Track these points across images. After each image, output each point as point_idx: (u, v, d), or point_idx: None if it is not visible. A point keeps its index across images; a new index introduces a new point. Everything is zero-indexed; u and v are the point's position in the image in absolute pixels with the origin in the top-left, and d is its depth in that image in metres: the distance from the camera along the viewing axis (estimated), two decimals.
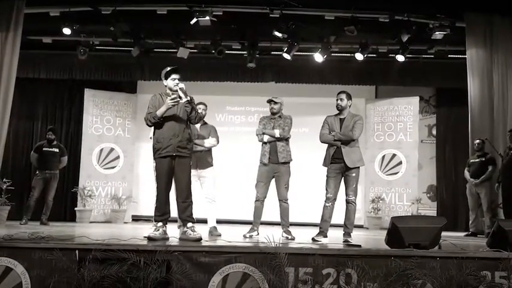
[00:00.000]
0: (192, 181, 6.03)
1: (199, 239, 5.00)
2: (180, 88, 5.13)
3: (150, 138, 5.64)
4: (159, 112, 5.09)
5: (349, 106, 5.86)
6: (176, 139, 5.10)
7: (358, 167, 5.74)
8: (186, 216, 5.17)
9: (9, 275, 4.10)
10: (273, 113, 6.28)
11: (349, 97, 5.84)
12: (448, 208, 10.07)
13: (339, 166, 5.70)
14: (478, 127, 8.29)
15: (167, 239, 5.12)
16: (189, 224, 5.13)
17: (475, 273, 4.10)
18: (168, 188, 5.21)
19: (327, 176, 5.81)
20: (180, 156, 5.13)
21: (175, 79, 5.22)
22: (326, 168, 5.84)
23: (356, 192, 5.75)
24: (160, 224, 5.16)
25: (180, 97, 5.10)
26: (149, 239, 4.95)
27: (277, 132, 6.09)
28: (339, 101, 5.83)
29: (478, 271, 4.13)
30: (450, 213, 9.83)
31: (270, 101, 6.32)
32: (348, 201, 5.70)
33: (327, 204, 5.76)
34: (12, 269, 4.11)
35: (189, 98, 5.10)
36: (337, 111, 5.88)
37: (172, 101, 5.03)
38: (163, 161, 5.15)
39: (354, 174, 5.69)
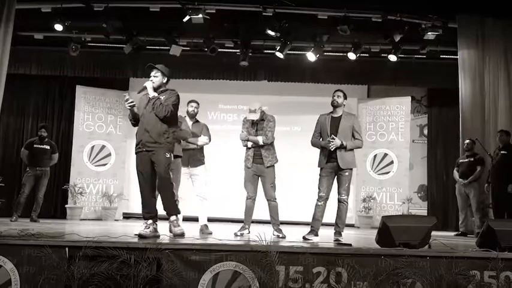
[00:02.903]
0: (183, 179, 6.02)
1: (181, 235, 4.98)
2: (143, 87, 5.23)
3: None
4: (129, 114, 5.28)
5: (344, 105, 5.87)
6: (146, 134, 5.10)
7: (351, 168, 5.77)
8: (167, 209, 5.14)
9: None
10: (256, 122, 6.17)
11: (345, 96, 5.85)
12: (438, 208, 10.13)
13: (333, 165, 5.70)
14: (469, 127, 8.34)
15: (158, 236, 5.10)
16: (172, 217, 5.11)
17: (464, 272, 4.12)
18: (146, 184, 5.16)
19: (320, 174, 5.81)
20: (151, 151, 5.09)
21: (150, 76, 5.29)
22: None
23: (348, 192, 5.75)
24: (150, 221, 5.13)
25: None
26: (140, 236, 4.92)
27: (260, 140, 6.02)
28: (335, 97, 5.81)
29: (467, 270, 4.15)
30: (440, 213, 9.90)
31: (249, 112, 6.16)
32: (340, 201, 5.71)
33: (319, 203, 5.76)
34: (1, 266, 4.08)
35: (150, 96, 5.13)
36: (331, 109, 5.88)
37: (127, 103, 5.13)
38: (137, 157, 5.24)
39: (347, 174, 5.69)
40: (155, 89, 5.23)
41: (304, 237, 5.63)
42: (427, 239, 4.64)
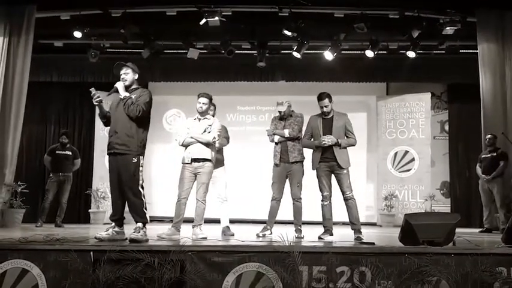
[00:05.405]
0: None
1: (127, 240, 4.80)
2: (114, 88, 5.14)
3: None
4: (99, 113, 5.28)
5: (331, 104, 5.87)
6: (115, 136, 5.01)
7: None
8: (133, 215, 5.00)
9: (26, 277, 4.15)
10: (281, 117, 6.21)
11: (330, 98, 5.85)
12: (462, 204, 10.01)
13: (329, 165, 5.75)
14: (490, 122, 8.21)
15: (119, 239, 4.92)
16: (139, 224, 4.97)
17: (490, 269, 4.06)
18: (114, 187, 5.04)
19: (318, 175, 5.84)
20: (119, 154, 4.95)
21: (121, 75, 5.23)
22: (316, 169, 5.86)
23: (351, 188, 5.75)
24: (112, 224, 5.04)
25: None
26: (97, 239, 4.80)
27: (286, 132, 6.06)
28: (324, 108, 5.83)
29: (493, 267, 4.10)
30: (464, 210, 9.75)
31: (277, 105, 6.26)
32: (346, 199, 5.71)
33: (325, 203, 5.80)
34: (28, 271, 4.16)
35: (121, 96, 5.06)
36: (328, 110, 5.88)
37: (94, 99, 5.11)
38: (108, 159, 5.17)
39: (345, 172, 5.73)
40: (127, 87, 5.15)
41: (319, 237, 5.66)
42: (451, 236, 4.59)
